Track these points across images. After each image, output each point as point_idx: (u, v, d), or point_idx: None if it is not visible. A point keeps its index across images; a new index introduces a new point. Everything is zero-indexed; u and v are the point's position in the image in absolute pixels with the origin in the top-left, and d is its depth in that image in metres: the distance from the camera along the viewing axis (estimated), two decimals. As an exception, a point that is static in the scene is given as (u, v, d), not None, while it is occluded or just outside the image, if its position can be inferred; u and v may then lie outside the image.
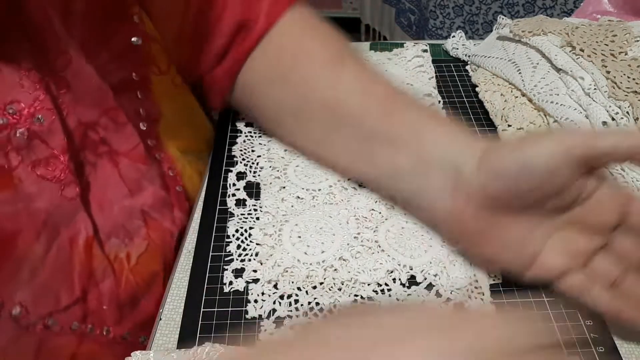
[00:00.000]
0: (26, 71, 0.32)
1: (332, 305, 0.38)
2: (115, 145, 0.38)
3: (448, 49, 0.62)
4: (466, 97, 0.57)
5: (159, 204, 0.41)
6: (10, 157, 0.32)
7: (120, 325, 0.38)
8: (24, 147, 0.32)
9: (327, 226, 0.42)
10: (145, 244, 0.40)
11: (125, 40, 0.39)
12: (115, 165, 0.39)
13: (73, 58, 0.34)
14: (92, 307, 0.36)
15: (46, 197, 0.33)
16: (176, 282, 0.40)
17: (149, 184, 0.40)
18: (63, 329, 0.35)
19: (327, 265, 0.40)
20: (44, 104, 0.33)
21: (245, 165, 0.48)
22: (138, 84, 0.40)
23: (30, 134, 0.32)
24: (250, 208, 0.45)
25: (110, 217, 0.38)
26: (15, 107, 0.32)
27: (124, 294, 0.38)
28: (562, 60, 0.50)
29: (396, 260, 0.40)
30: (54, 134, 0.33)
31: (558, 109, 0.48)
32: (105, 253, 0.38)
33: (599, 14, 0.62)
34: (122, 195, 0.39)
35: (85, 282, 0.36)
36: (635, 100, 0.46)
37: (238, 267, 0.40)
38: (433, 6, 1.29)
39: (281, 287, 0.39)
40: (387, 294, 0.39)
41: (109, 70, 0.37)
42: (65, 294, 0.35)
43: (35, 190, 0.33)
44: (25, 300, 0.33)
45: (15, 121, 0.32)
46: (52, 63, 0.33)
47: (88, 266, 0.36)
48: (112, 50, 0.38)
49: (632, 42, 0.51)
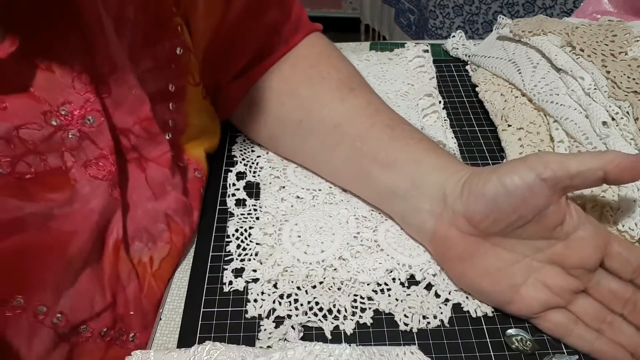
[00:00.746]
0: (78, 73, 0.32)
1: (332, 304, 0.38)
2: (145, 152, 0.39)
3: (448, 49, 0.62)
4: (466, 97, 0.57)
5: (181, 209, 0.41)
6: (66, 158, 0.33)
7: (146, 331, 0.38)
8: (76, 147, 0.33)
9: (326, 226, 0.42)
10: (168, 248, 0.40)
11: (168, 50, 0.39)
12: (143, 170, 0.39)
13: (118, 65, 0.34)
14: (121, 313, 0.36)
15: (99, 197, 0.34)
16: (176, 282, 0.40)
17: (172, 189, 0.41)
18: (93, 334, 0.35)
19: (326, 265, 0.40)
20: (93, 106, 0.33)
21: (245, 166, 0.48)
22: (172, 95, 0.41)
23: (81, 134, 0.33)
24: (250, 208, 0.45)
25: (135, 220, 0.38)
26: (68, 109, 0.32)
27: (146, 299, 0.38)
28: (562, 60, 0.50)
29: (395, 260, 0.40)
30: (102, 135, 0.34)
31: (558, 109, 0.48)
32: (130, 256, 0.38)
33: (599, 14, 0.62)
34: (146, 199, 0.39)
35: (114, 287, 0.36)
36: (635, 100, 0.46)
37: (238, 266, 0.40)
38: (433, 6, 1.29)
39: (281, 286, 0.39)
40: (387, 293, 0.39)
41: (147, 79, 0.38)
42: (99, 300, 0.35)
43: (89, 190, 0.34)
44: (65, 307, 0.33)
45: (67, 122, 0.32)
46: (100, 68, 0.34)
47: (116, 270, 0.36)
48: (156, 58, 0.38)
49: (632, 42, 0.51)
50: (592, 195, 0.41)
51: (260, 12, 0.45)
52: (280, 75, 0.47)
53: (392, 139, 0.41)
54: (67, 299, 0.33)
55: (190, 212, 0.42)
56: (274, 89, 0.47)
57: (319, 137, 0.44)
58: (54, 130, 0.32)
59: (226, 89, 0.48)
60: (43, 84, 0.31)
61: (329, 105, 0.44)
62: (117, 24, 0.34)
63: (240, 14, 0.44)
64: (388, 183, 0.40)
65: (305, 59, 0.47)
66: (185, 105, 0.42)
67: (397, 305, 0.38)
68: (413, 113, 0.52)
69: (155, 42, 0.38)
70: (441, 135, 0.50)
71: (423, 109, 0.53)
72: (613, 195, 0.41)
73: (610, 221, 0.41)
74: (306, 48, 0.48)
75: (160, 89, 0.40)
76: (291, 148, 0.47)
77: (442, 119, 0.52)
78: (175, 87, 0.41)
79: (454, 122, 0.53)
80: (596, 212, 0.41)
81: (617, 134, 0.45)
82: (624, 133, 0.45)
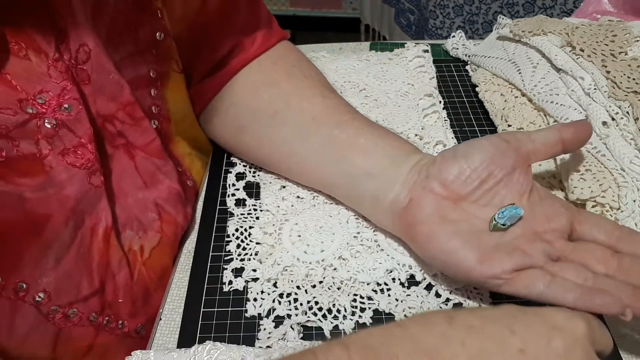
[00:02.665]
0: (53, 61, 0.33)
1: (331, 304, 0.38)
2: (131, 138, 0.39)
3: (448, 49, 0.62)
4: (466, 97, 0.57)
5: (173, 198, 0.42)
6: (41, 146, 0.33)
7: (135, 319, 0.38)
8: (53, 135, 0.33)
9: (327, 225, 0.42)
10: (159, 237, 0.40)
11: (149, 35, 0.39)
12: (132, 158, 0.39)
13: (92, 51, 0.35)
14: (109, 300, 0.37)
15: (76, 184, 0.34)
16: (176, 282, 0.40)
17: (164, 178, 0.41)
18: (82, 319, 0.35)
19: (326, 264, 0.40)
20: (71, 94, 0.33)
21: (244, 167, 0.49)
22: (153, 81, 0.41)
23: (58, 122, 0.33)
24: (250, 207, 0.45)
25: (125, 208, 0.39)
26: (45, 97, 0.32)
27: (136, 287, 0.38)
28: (562, 60, 0.50)
29: (395, 260, 0.40)
30: (80, 123, 0.34)
31: (558, 109, 0.48)
32: (121, 244, 0.38)
33: (599, 14, 0.62)
34: (137, 187, 0.40)
35: (103, 274, 0.36)
36: (635, 100, 0.46)
37: (238, 266, 0.40)
38: (433, 6, 1.29)
39: (280, 285, 0.39)
40: (387, 293, 0.39)
41: (127, 64, 0.38)
42: (86, 284, 0.35)
43: (66, 177, 0.34)
44: (48, 286, 0.33)
45: (44, 110, 0.32)
46: (74, 54, 0.34)
47: (106, 257, 0.37)
48: (136, 43, 0.39)
49: (632, 42, 0.51)
50: (592, 195, 0.41)
51: (235, 10, 0.46)
52: (260, 69, 0.48)
53: (372, 129, 0.43)
54: (51, 279, 0.33)
55: (184, 201, 0.42)
56: (252, 82, 0.47)
57: (294, 126, 0.44)
58: (29, 117, 0.32)
59: (199, 85, 0.48)
60: (20, 73, 0.31)
61: (309, 99, 0.45)
62: (95, 9, 0.35)
63: (218, 9, 0.45)
64: (363, 165, 0.41)
65: (286, 59, 0.49)
66: (168, 92, 0.43)
67: (397, 306, 0.38)
68: (413, 113, 0.53)
69: (136, 27, 0.38)
70: (441, 135, 0.50)
71: (423, 109, 0.53)
72: (613, 195, 0.41)
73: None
74: (285, 51, 0.50)
75: (140, 75, 0.40)
76: (259, 137, 0.46)
77: (442, 119, 0.52)
78: (157, 73, 0.41)
79: (454, 122, 0.53)
80: (596, 212, 0.41)
81: (617, 134, 0.45)
82: (623, 133, 0.45)
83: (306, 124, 0.44)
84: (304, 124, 0.44)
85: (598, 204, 0.41)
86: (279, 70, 0.47)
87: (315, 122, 0.44)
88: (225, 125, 0.48)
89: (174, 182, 0.42)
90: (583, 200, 0.42)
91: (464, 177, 0.37)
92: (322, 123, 0.43)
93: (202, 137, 0.50)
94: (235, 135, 0.48)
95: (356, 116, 0.44)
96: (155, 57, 0.41)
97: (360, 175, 0.41)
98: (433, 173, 0.38)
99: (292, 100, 0.45)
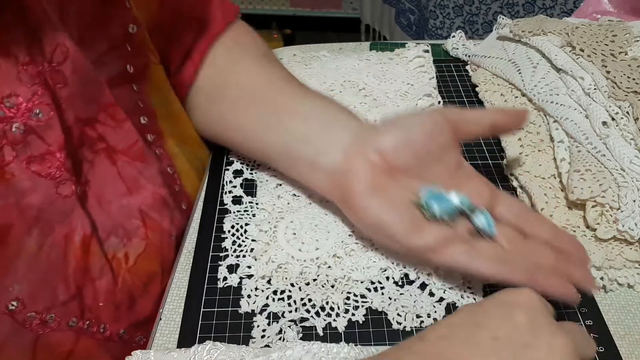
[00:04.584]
0: (24, 65, 0.31)
1: (325, 301, 0.38)
2: (112, 142, 0.38)
3: (448, 49, 0.62)
4: (466, 97, 0.57)
5: (158, 203, 0.41)
6: (5, 152, 0.31)
7: (117, 324, 0.38)
8: (20, 141, 0.32)
9: (322, 223, 0.42)
10: (144, 244, 0.40)
11: (121, 28, 0.38)
12: (114, 163, 0.38)
13: (70, 50, 0.33)
14: (89, 303, 0.36)
15: (40, 194, 0.33)
16: (176, 282, 0.40)
17: (147, 182, 0.40)
18: (60, 324, 0.35)
19: (320, 262, 0.40)
20: (42, 99, 0.32)
21: (242, 164, 0.49)
22: (133, 76, 0.40)
23: (27, 128, 0.32)
24: (247, 205, 0.45)
25: (109, 215, 0.38)
26: (13, 101, 0.31)
27: (120, 293, 0.38)
28: (562, 60, 0.50)
29: (390, 259, 0.40)
30: (51, 130, 0.33)
31: (558, 109, 0.48)
32: (104, 251, 0.37)
33: (599, 14, 0.62)
34: (121, 194, 0.39)
35: (80, 279, 0.36)
36: (635, 100, 0.46)
37: (233, 262, 0.40)
38: (433, 6, 1.29)
39: (275, 283, 0.39)
40: (380, 292, 0.39)
41: (104, 62, 0.37)
42: (62, 289, 0.35)
43: (29, 186, 0.32)
44: (21, 294, 0.32)
45: (12, 115, 0.31)
46: (49, 56, 0.33)
47: (84, 263, 0.36)
48: (109, 39, 0.38)
49: (632, 42, 0.51)
50: (592, 195, 0.41)
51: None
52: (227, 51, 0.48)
53: (312, 96, 0.43)
54: (24, 286, 0.33)
55: (170, 206, 0.42)
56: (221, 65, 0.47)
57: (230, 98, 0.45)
58: None
59: (178, 73, 0.47)
60: None
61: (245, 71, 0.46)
62: (62, 8, 0.34)
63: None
64: (300, 129, 0.41)
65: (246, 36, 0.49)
66: (151, 85, 0.42)
67: (391, 304, 0.38)
68: (412, 112, 0.53)
69: (107, 22, 0.37)
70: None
71: (422, 109, 0.53)
72: (613, 195, 0.41)
73: (610, 221, 0.41)
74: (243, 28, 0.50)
75: (119, 71, 0.39)
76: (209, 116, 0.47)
77: (441, 119, 0.52)
78: (134, 68, 0.40)
79: (453, 122, 0.53)
80: (596, 212, 0.41)
81: (617, 134, 0.45)
82: (624, 133, 0.45)
83: (243, 96, 0.44)
84: (240, 96, 0.44)
85: (598, 204, 0.41)
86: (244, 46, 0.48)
87: (253, 93, 0.44)
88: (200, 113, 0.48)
89: (158, 187, 0.41)
90: (583, 200, 0.41)
91: (402, 150, 0.38)
92: (259, 96, 0.44)
93: (192, 134, 0.49)
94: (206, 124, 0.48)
95: (295, 84, 0.44)
96: (131, 51, 0.39)
97: (296, 140, 0.41)
98: (372, 140, 0.38)
99: (229, 75, 0.45)
